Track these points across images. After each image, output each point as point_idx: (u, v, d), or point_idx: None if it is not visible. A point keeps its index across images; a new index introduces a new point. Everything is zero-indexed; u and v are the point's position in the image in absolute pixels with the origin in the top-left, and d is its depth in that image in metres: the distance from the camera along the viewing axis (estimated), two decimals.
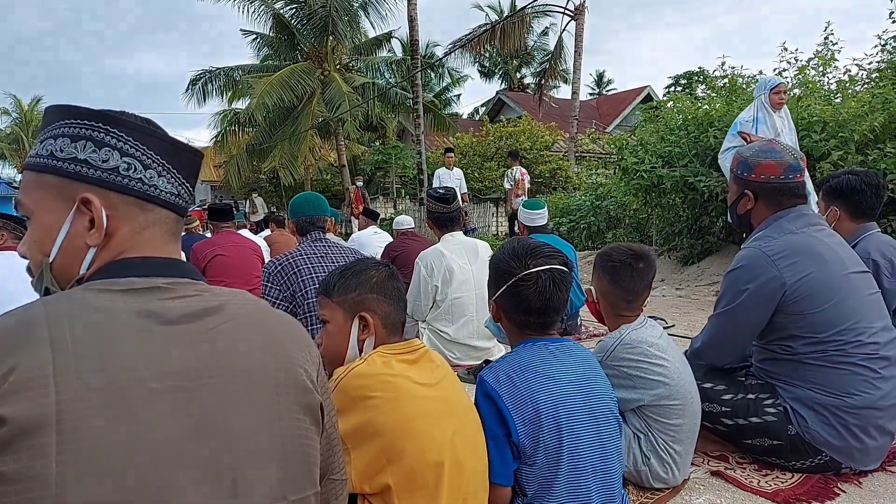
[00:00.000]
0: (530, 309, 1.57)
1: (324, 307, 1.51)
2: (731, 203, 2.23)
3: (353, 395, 1.29)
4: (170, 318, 0.82)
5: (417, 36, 14.24)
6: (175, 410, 0.77)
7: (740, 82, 7.99)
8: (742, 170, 2.17)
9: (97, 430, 0.71)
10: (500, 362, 1.56)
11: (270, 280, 2.64)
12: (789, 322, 1.95)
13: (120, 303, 0.81)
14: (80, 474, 0.69)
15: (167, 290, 0.85)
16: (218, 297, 0.89)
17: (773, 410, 1.97)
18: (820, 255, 1.98)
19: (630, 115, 22.95)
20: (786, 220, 2.07)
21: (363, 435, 1.28)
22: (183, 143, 0.94)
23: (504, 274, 1.59)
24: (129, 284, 0.84)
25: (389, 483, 1.27)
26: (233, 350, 0.85)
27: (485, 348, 3.67)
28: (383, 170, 22.35)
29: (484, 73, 31.22)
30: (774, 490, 1.87)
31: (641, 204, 8.36)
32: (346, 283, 1.47)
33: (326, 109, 17.77)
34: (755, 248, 2.02)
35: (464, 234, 3.92)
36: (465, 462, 1.40)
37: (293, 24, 18.62)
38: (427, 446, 1.31)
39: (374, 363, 1.34)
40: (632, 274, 1.91)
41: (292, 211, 2.89)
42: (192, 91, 19.08)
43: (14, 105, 34.93)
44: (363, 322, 1.45)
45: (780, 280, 1.94)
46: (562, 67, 19.42)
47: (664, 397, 1.82)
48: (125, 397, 0.74)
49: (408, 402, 1.32)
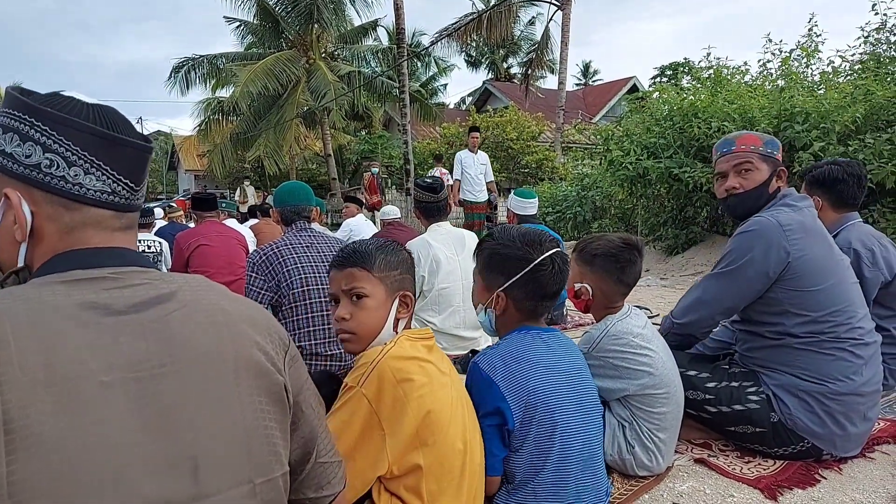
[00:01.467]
0: (546, 294, 1.58)
1: (361, 280, 1.44)
2: (760, 183, 2.10)
3: (394, 378, 1.28)
4: (117, 308, 0.81)
5: (404, 24, 14.13)
6: (128, 402, 0.76)
7: (725, 73, 8.03)
8: (772, 147, 2.14)
9: (47, 427, 0.69)
10: (495, 350, 1.56)
11: (255, 270, 2.61)
12: (785, 297, 1.97)
13: (63, 296, 0.79)
14: (32, 473, 0.68)
15: (113, 280, 0.83)
16: (170, 284, 0.88)
17: (756, 398, 1.99)
18: (822, 235, 2.03)
19: (616, 105, 23.00)
20: (793, 198, 2.10)
21: (402, 416, 1.28)
22: (121, 137, 0.87)
23: (520, 261, 1.57)
24: (72, 276, 0.82)
25: (420, 463, 1.28)
26: (186, 337, 0.83)
27: (471, 338, 3.67)
28: (369, 159, 22.25)
29: (471, 62, 31.13)
30: (757, 476, 1.90)
31: (627, 194, 8.39)
32: (388, 259, 1.46)
33: (312, 98, 17.63)
34: (769, 217, 2.02)
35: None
36: (476, 452, 1.43)
37: (277, 12, 18.41)
38: (453, 432, 1.34)
39: (405, 347, 1.35)
40: (635, 268, 1.92)
41: (277, 201, 2.86)
42: (175, 79, 18.86)
43: None
44: (404, 301, 1.47)
45: (787, 251, 1.95)
46: (548, 58, 19.43)
47: (649, 386, 1.83)
48: (74, 391, 0.72)
49: (439, 387, 1.34)
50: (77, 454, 0.70)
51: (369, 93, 19.10)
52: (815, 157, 5.66)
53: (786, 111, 6.26)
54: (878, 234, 2.62)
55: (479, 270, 1.70)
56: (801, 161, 5.75)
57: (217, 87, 20.47)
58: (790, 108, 6.23)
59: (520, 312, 1.62)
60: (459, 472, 1.34)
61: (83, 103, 0.87)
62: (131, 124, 0.91)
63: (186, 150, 27.40)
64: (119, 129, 0.88)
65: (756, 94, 6.96)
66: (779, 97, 6.62)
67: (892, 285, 2.52)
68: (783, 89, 6.88)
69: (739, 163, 2.12)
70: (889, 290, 2.52)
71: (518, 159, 17.91)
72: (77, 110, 0.85)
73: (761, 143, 2.13)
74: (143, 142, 0.90)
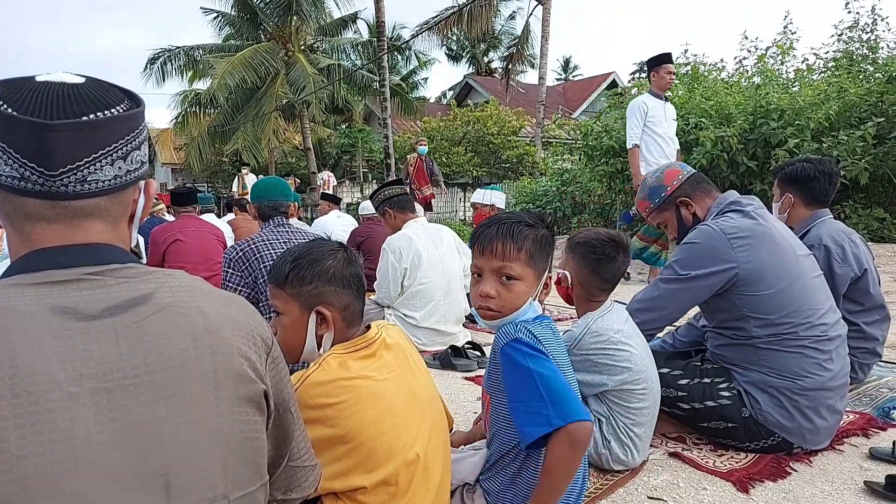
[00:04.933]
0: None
1: (276, 298, 1.41)
2: (678, 229, 2.29)
3: (311, 405, 1.23)
4: (90, 312, 0.76)
5: (384, 17, 14.04)
6: (97, 415, 0.72)
7: (702, 70, 8.11)
8: (655, 196, 2.31)
9: (10, 442, 0.66)
10: (526, 327, 1.43)
11: (231, 266, 2.58)
12: (741, 303, 2.01)
13: (33, 299, 0.75)
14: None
15: (88, 281, 0.79)
16: (147, 283, 0.82)
17: (728, 394, 2.02)
18: (772, 237, 2.05)
19: (596, 100, 23.13)
20: (740, 203, 2.14)
21: (327, 442, 1.24)
22: (15, 117, 0.76)
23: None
24: (47, 277, 0.78)
25: (363, 485, 1.25)
26: (162, 344, 0.78)
27: (450, 333, 3.68)
28: (350, 153, 22.13)
29: (451, 56, 31.05)
30: (729, 470, 1.93)
31: (606, 189, 8.46)
32: (300, 273, 1.37)
33: (291, 91, 17.48)
34: (713, 226, 2.07)
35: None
36: (438, 451, 1.40)
37: (256, 3, 18.21)
38: (396, 446, 1.29)
39: (330, 368, 1.28)
40: (613, 264, 1.93)
41: (254, 196, 2.83)
42: (151, 70, 18.55)
43: None
44: (321, 317, 1.37)
45: (734, 261, 1.99)
46: (529, 52, 19.50)
47: (628, 382, 1.85)
48: (40, 404, 0.69)
49: (369, 403, 1.27)
50: (41, 470, 0.67)
51: (349, 86, 18.99)
52: (790, 154, 5.75)
53: (761, 108, 6.36)
54: (848, 231, 2.67)
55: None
56: (776, 158, 5.84)
57: (194, 78, 20.20)
58: (766, 105, 6.33)
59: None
60: (407, 483, 1.29)
61: (26, 82, 0.80)
62: (85, 100, 0.80)
63: (163, 142, 26.95)
64: (45, 107, 0.78)
65: (732, 91, 7.06)
66: (755, 94, 6.72)
67: (862, 281, 2.57)
68: (759, 86, 6.98)
69: (657, 224, 2.40)
70: (858, 285, 2.57)
71: (499, 154, 17.95)
72: (10, 94, 0.78)
73: (647, 203, 2.35)
74: (42, 119, 0.77)
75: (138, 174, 0.87)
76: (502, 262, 1.45)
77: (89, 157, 0.80)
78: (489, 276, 1.48)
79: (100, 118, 0.80)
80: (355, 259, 1.47)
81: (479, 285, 1.48)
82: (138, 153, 0.86)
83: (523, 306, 1.46)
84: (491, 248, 1.46)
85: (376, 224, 5.10)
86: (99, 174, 0.81)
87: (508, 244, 1.45)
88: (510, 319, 1.47)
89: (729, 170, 6.50)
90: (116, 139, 0.82)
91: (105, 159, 0.82)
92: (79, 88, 0.82)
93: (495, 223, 1.50)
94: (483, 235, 1.49)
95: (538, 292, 1.50)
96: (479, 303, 1.49)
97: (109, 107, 0.82)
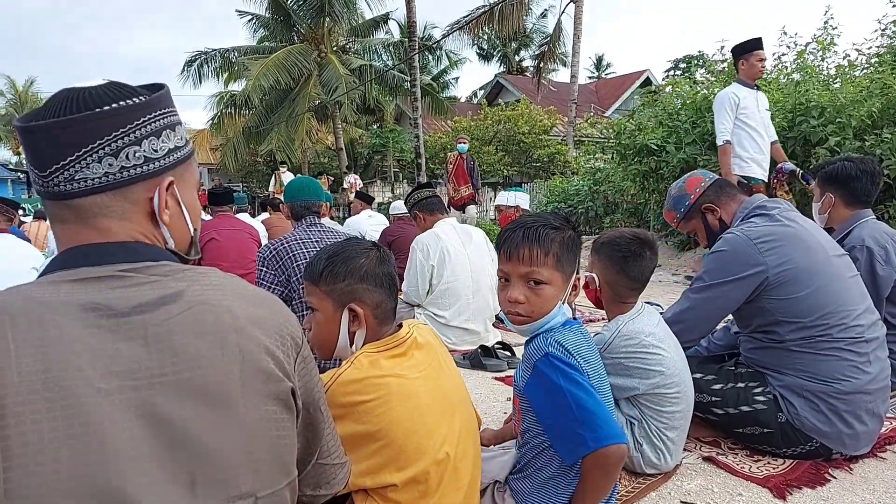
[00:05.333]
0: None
1: (311, 294, 1.44)
2: (707, 236, 2.30)
3: (343, 402, 1.25)
4: (121, 309, 0.77)
5: (415, 17, 14.10)
6: (125, 412, 0.73)
7: None
8: (680, 205, 2.32)
9: (43, 435, 0.68)
10: (556, 338, 1.44)
11: (265, 264, 2.63)
12: (774, 307, 1.97)
13: (66, 296, 0.77)
14: (26, 481, 0.67)
15: (122, 279, 0.81)
16: (179, 281, 0.84)
17: (763, 399, 1.98)
18: (801, 239, 2.01)
19: (629, 99, 22.82)
20: (766, 208, 2.11)
21: (358, 439, 1.26)
22: (14, 124, 0.83)
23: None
24: (82, 274, 0.80)
25: (394, 482, 1.26)
26: (189, 343, 0.79)
27: (480, 332, 3.69)
28: (381, 153, 22.27)
29: (482, 55, 30.99)
30: (766, 476, 1.89)
31: (639, 189, 8.35)
32: (334, 271, 1.40)
33: (323, 92, 17.67)
34: (738, 233, 2.05)
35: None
36: (468, 451, 1.40)
37: (289, 5, 18.45)
38: (426, 445, 1.30)
39: (362, 366, 1.30)
40: (641, 263, 1.90)
41: (287, 196, 2.89)
42: (188, 72, 18.95)
43: (9, 86, 34.62)
44: (353, 314, 1.40)
45: (762, 265, 1.96)
46: (560, 51, 19.28)
47: (660, 386, 1.82)
48: (71, 399, 0.70)
49: (400, 401, 1.28)
50: (73, 462, 0.69)
51: (381, 86, 19.10)
52: (830, 153, 5.59)
53: (801, 105, 6.19)
54: (891, 232, 2.58)
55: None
56: (816, 156, 5.69)
57: (230, 80, 20.56)
58: (805, 103, 6.16)
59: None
60: (437, 481, 1.30)
61: (56, 95, 0.85)
62: (78, 101, 0.83)
63: (199, 143, 27.57)
64: (48, 110, 0.82)
65: (770, 88, 6.88)
66: (794, 91, 6.55)
67: None
68: (798, 83, 6.79)
69: (687, 233, 2.40)
70: None
71: (530, 153, 17.85)
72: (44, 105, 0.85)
73: (674, 214, 2.36)
74: (23, 122, 0.82)
75: (140, 171, 0.86)
76: (530, 267, 1.44)
77: (72, 156, 0.81)
78: (517, 282, 1.47)
79: (73, 117, 0.81)
80: (388, 258, 1.49)
81: (507, 291, 1.48)
82: (136, 149, 0.85)
83: (553, 310, 1.46)
84: (518, 253, 1.45)
85: (407, 224, 5.13)
86: (87, 171, 0.82)
87: (535, 249, 1.43)
88: (541, 324, 1.46)
89: None
90: (101, 136, 0.82)
91: (90, 156, 0.82)
92: (88, 91, 0.84)
93: (521, 227, 1.48)
94: (509, 240, 1.48)
95: (567, 295, 1.49)
96: (508, 308, 1.48)
97: (99, 106, 0.83)
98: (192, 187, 0.96)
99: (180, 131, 0.92)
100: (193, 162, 0.98)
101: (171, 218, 0.91)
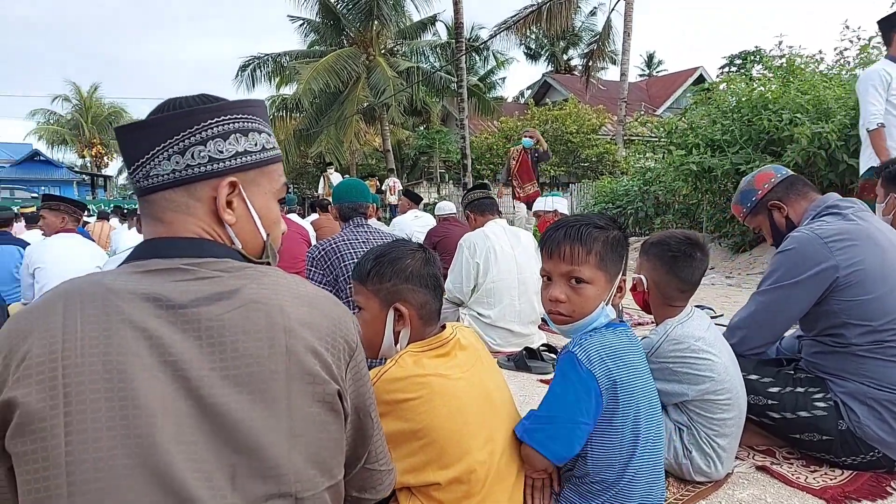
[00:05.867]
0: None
1: (358, 293, 1.48)
2: (773, 234, 2.20)
3: (387, 399, 1.26)
4: (180, 302, 0.82)
5: (462, 18, 14.13)
6: (176, 400, 0.77)
7: (798, 62, 7.64)
8: (748, 199, 2.23)
9: (100, 414, 0.74)
10: (588, 343, 1.43)
11: (314, 265, 2.69)
12: (841, 309, 1.89)
13: (133, 285, 0.82)
14: (83, 456, 0.72)
15: (184, 271, 0.85)
16: (237, 279, 0.87)
17: (823, 405, 1.91)
18: (874, 239, 1.92)
19: (681, 97, 22.28)
20: (839, 206, 2.02)
21: (401, 436, 1.28)
22: (116, 129, 0.95)
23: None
24: (151, 265, 0.86)
25: (437, 481, 1.28)
26: (239, 340, 0.82)
27: (525, 334, 3.66)
28: (427, 154, 22.41)
29: (530, 55, 30.82)
30: (822, 487, 1.82)
31: (691, 189, 8.13)
32: (380, 271, 1.42)
33: (371, 94, 17.92)
34: (808, 231, 1.97)
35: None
36: (513, 453, 1.41)
37: (339, 9, 18.78)
38: (468, 445, 1.31)
39: (406, 364, 1.32)
40: (691, 264, 1.85)
41: (335, 197, 2.95)
42: (242, 77, 19.54)
43: (74, 92, 36.40)
44: (398, 313, 1.42)
45: (833, 264, 1.88)
46: (610, 48, 19.00)
47: (710, 392, 1.77)
48: (127, 381, 0.75)
49: (443, 400, 1.30)
50: (124, 443, 0.74)
51: (427, 88, 19.24)
52: None
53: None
54: None
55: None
56: None
57: (281, 84, 21.13)
58: None
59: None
60: (481, 481, 1.31)
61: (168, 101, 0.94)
62: (163, 108, 0.93)
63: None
64: (150, 116, 0.93)
65: (832, 84, 6.61)
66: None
67: None
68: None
69: (754, 229, 2.31)
70: None
71: (578, 153, 17.63)
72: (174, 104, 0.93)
73: (741, 208, 2.28)
74: (119, 126, 0.93)
75: (204, 170, 0.91)
76: (571, 265, 1.43)
77: (148, 154, 0.89)
78: (558, 280, 1.46)
79: (148, 119, 0.91)
80: (434, 260, 1.51)
81: (549, 289, 1.47)
82: (202, 149, 0.90)
83: (595, 311, 1.44)
84: (559, 251, 1.45)
85: (452, 224, 5.14)
86: (158, 168, 0.89)
87: (577, 247, 1.43)
88: (583, 324, 1.45)
89: (827, 168, 6.10)
90: (171, 135, 0.89)
91: (161, 155, 0.89)
92: (176, 99, 0.92)
93: (563, 226, 1.48)
94: (551, 239, 1.47)
95: (611, 296, 1.47)
96: (550, 307, 1.48)
97: (173, 110, 0.91)
98: (266, 194, 0.99)
99: (255, 138, 0.96)
100: (275, 171, 1.00)
101: (237, 219, 0.94)
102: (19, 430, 0.73)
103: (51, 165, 31.97)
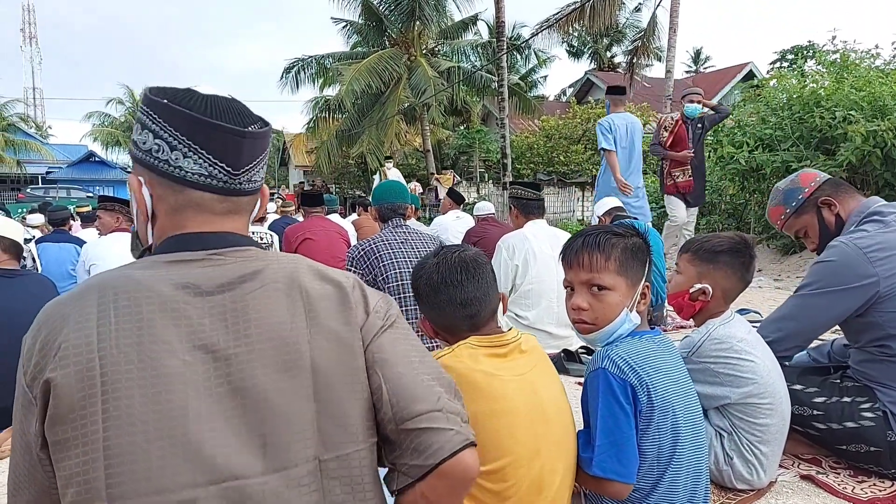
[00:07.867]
0: None
1: (604, 272, 1.45)
2: (820, 235, 2.09)
3: None
4: (207, 288, 0.87)
5: (504, 17, 14.08)
6: (205, 381, 0.83)
7: (853, 58, 7.36)
8: (792, 197, 2.13)
9: (134, 400, 0.79)
10: (615, 353, 1.42)
11: (354, 264, 2.74)
12: (885, 321, 1.83)
13: (163, 275, 0.87)
14: (120, 440, 0.78)
15: (211, 260, 0.91)
16: (259, 261, 0.93)
17: (871, 415, 1.84)
18: None
19: (729, 94, 21.67)
20: (881, 213, 1.94)
21: None
22: (213, 122, 0.90)
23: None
24: (179, 257, 0.90)
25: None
26: (262, 318, 0.88)
27: (564, 337, 3.63)
28: (467, 154, 22.40)
29: (572, 53, 30.41)
30: (870, 499, 1.76)
31: (738, 189, 7.91)
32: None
33: (412, 94, 18.01)
34: (847, 242, 1.90)
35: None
36: (558, 463, 1.38)
37: (381, 10, 18.93)
38: (509, 447, 1.29)
39: (461, 355, 1.34)
40: (754, 263, 1.86)
41: (375, 199, 2.99)
42: (286, 79, 19.90)
43: (127, 94, 37.73)
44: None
45: (874, 276, 1.81)
46: (655, 45, 18.57)
47: (752, 395, 1.74)
48: (159, 368, 0.81)
49: (486, 399, 1.29)
50: (156, 427, 0.79)
51: (468, 87, 19.24)
52: None
53: None
54: None
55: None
56: None
57: (324, 85, 21.40)
58: None
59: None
60: (523, 491, 1.29)
61: (196, 94, 0.93)
62: (244, 114, 0.95)
63: (296, 146, 28.98)
64: (223, 116, 0.91)
65: (888, 80, 6.34)
66: None
67: None
68: None
69: (794, 233, 2.20)
70: None
71: None
72: (187, 100, 0.91)
73: (783, 209, 2.16)
74: (239, 127, 0.92)
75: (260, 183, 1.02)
76: (590, 272, 1.45)
77: (256, 161, 0.97)
78: (580, 289, 1.48)
79: (263, 129, 0.96)
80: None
81: (572, 298, 1.49)
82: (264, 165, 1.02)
83: (618, 317, 1.44)
84: (578, 259, 1.46)
85: (490, 224, 5.14)
86: (257, 175, 0.98)
87: (595, 254, 1.44)
88: (607, 332, 1.45)
89: (883, 167, 5.85)
90: (267, 146, 0.99)
91: (261, 163, 0.99)
92: (233, 102, 0.96)
93: (581, 235, 1.50)
94: (570, 248, 1.50)
95: (634, 302, 1.46)
96: (573, 316, 1.49)
97: (255, 119, 0.97)
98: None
99: None
100: None
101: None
102: (59, 419, 0.78)
103: (105, 166, 33.24)
